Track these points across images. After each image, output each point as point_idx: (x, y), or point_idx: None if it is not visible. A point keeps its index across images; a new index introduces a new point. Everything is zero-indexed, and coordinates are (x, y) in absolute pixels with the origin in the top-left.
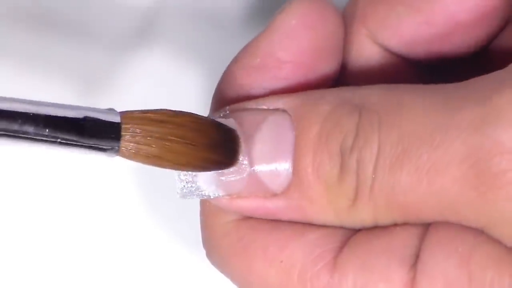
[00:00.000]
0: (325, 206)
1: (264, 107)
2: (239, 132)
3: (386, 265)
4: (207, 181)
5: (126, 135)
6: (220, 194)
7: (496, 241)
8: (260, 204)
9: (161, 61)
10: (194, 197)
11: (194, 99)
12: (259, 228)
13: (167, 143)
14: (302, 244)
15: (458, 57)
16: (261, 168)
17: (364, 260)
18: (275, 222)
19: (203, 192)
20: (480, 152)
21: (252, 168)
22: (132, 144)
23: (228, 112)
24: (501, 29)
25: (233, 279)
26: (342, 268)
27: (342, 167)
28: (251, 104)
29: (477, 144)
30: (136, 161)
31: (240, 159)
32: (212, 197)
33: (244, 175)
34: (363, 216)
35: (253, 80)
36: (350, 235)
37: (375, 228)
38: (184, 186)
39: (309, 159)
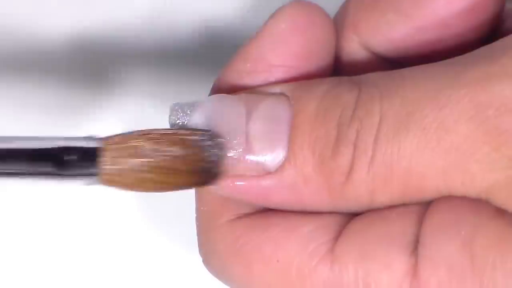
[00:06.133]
0: (319, 185)
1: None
2: (240, 108)
3: (386, 253)
4: None
5: (106, 160)
6: None
7: (498, 219)
8: (254, 183)
9: (140, 102)
10: None
11: None
12: (252, 226)
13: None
14: (295, 240)
15: None
16: (257, 145)
17: (363, 249)
18: (267, 218)
19: None
20: (488, 109)
21: (248, 145)
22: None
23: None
24: (492, 31)
25: (234, 285)
26: (341, 259)
27: (338, 139)
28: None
29: (485, 101)
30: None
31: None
32: None
33: (241, 150)
34: (359, 192)
35: (244, 84)
36: (344, 224)
37: (370, 215)
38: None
39: (305, 135)
